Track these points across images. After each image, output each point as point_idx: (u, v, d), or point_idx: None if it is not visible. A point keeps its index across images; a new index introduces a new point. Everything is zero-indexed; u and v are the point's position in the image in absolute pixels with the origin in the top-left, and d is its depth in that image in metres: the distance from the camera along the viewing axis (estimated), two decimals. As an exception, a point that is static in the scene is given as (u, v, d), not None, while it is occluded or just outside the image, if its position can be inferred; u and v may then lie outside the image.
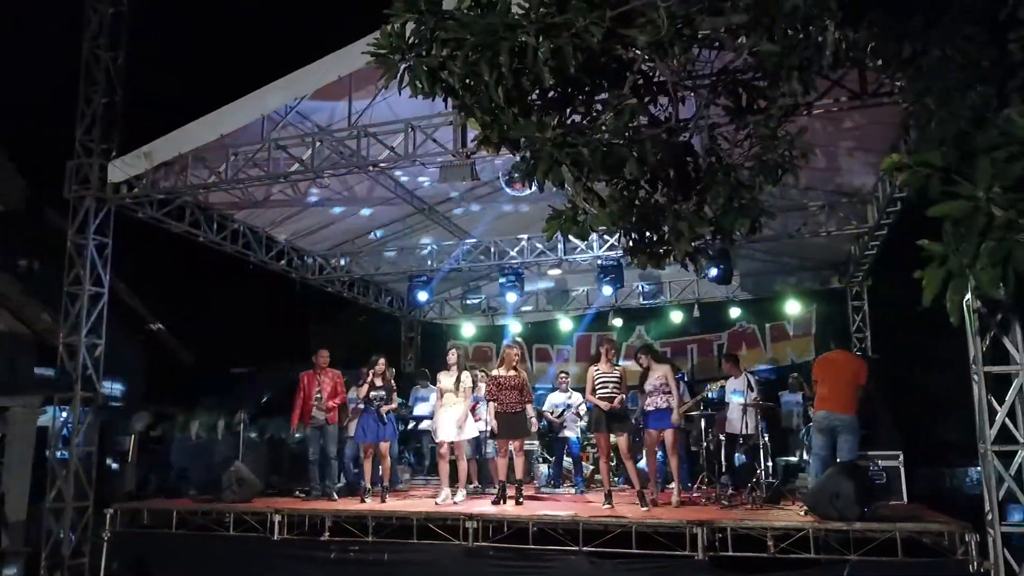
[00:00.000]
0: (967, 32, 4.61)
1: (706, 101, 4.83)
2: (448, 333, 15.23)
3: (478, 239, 11.86)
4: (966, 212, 2.84)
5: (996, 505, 5.71)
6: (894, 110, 7.54)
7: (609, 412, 7.97)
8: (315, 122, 8.73)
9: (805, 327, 13.29)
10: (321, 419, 8.79)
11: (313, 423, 8.81)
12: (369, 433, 8.52)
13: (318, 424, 8.80)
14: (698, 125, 5.04)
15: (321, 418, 8.79)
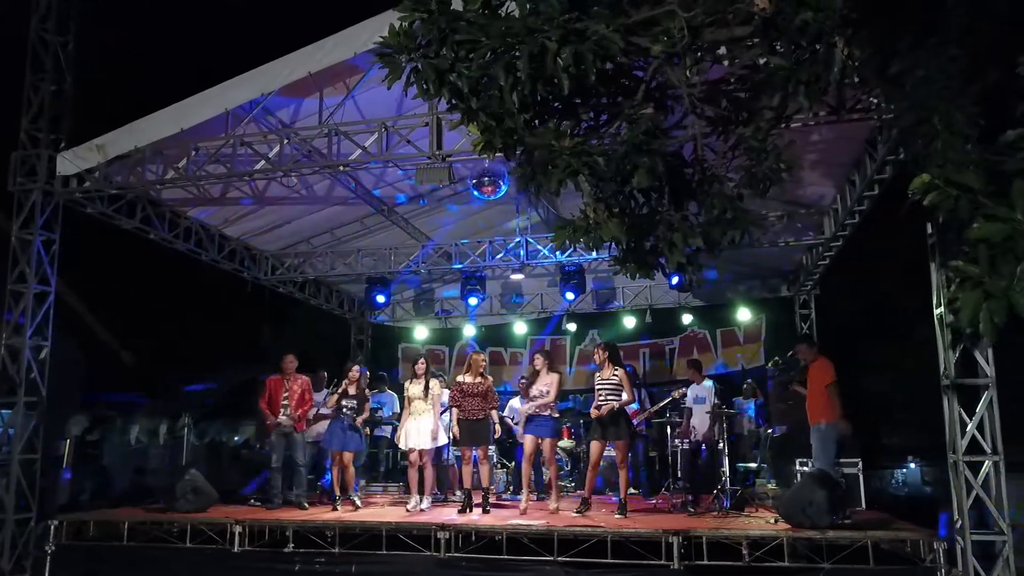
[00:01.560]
0: (951, 53, 4.73)
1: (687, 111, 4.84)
2: (400, 336, 15.00)
3: (438, 242, 11.70)
4: (1005, 235, 2.86)
5: (966, 514, 5.87)
6: (860, 126, 7.74)
7: (599, 419, 7.91)
8: (279, 119, 8.44)
9: (755, 334, 13.56)
10: (288, 426, 8.51)
11: (278, 429, 8.52)
12: (335, 441, 8.31)
13: (284, 431, 8.52)
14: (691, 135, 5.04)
15: (288, 425, 8.50)
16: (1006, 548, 5.79)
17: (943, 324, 6.19)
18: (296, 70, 7.51)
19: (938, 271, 6.31)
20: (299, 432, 8.62)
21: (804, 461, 8.75)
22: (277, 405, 8.54)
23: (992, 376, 6.02)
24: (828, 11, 4.24)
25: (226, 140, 7.78)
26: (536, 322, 14.40)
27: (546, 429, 8.09)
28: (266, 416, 8.62)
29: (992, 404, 5.99)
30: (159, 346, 14.20)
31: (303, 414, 8.67)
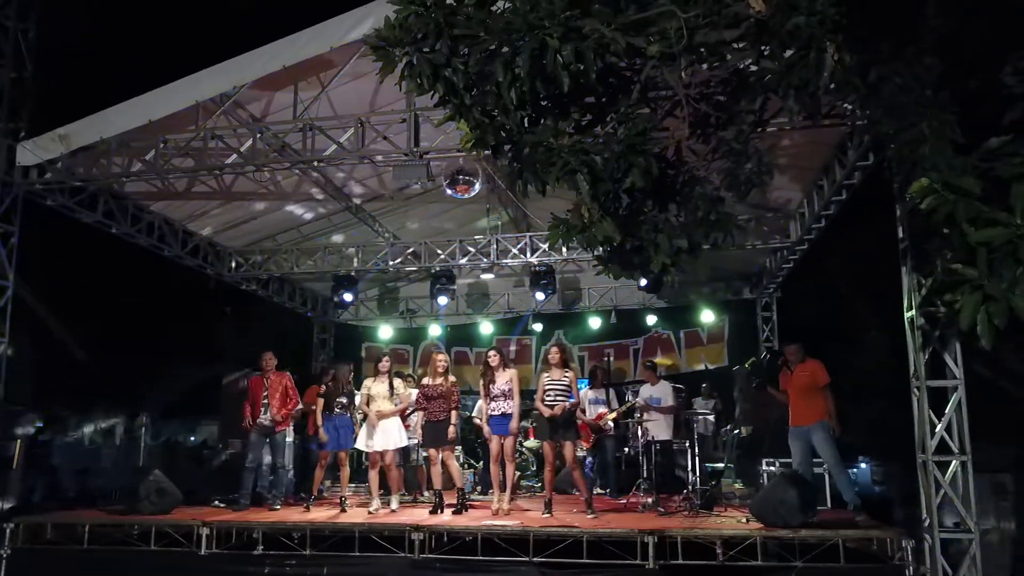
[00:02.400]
0: (927, 62, 4.83)
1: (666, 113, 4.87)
2: (363, 335, 14.86)
3: (406, 240, 11.61)
4: (1006, 239, 2.92)
5: (935, 512, 6.01)
6: (830, 131, 7.88)
7: (552, 419, 7.93)
8: (250, 112, 8.28)
9: (718, 335, 13.77)
10: (268, 425, 8.34)
11: (258, 429, 8.35)
12: (329, 440, 8.19)
13: (264, 430, 8.35)
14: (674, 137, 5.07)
15: (268, 424, 8.34)
16: (973, 546, 5.94)
17: (914, 327, 6.32)
18: (270, 63, 7.37)
19: (909, 275, 6.44)
20: (280, 432, 8.46)
21: (771, 461, 8.90)
22: (259, 405, 8.37)
23: (961, 377, 6.18)
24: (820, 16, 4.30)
25: (196, 133, 7.60)
26: (503, 322, 14.40)
27: (507, 428, 8.06)
28: (244, 417, 8.43)
29: (961, 405, 6.14)
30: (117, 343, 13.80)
31: (287, 413, 8.53)
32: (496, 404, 8.07)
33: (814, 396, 7.35)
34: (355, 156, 7.47)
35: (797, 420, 7.46)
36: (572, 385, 8.10)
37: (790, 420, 7.57)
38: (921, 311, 6.29)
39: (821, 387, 7.37)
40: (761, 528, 6.73)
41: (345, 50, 7.43)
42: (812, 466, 7.59)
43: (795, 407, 7.52)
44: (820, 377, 7.41)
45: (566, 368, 8.23)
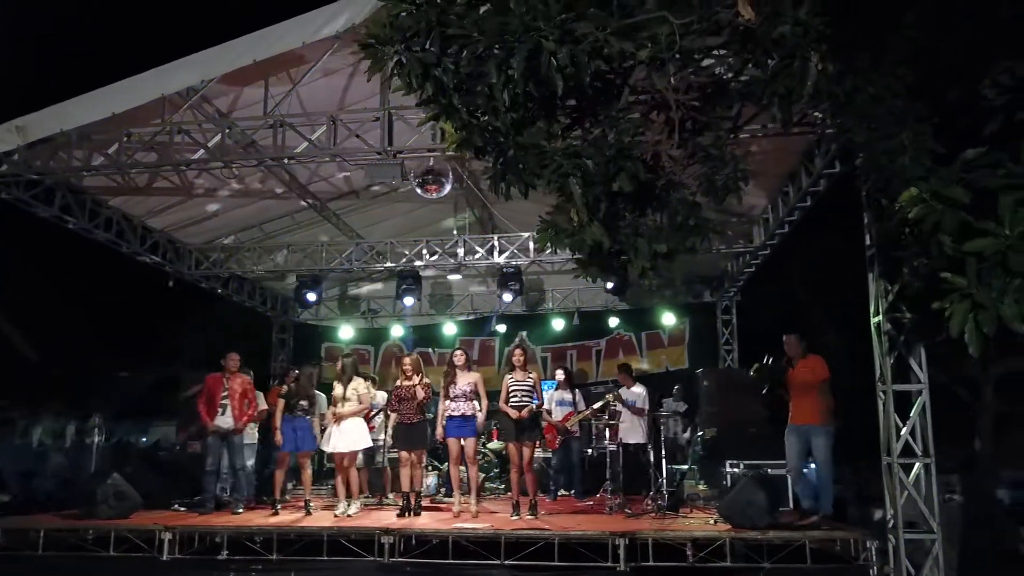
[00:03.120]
0: (900, 72, 4.94)
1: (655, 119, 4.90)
2: (323, 335, 14.67)
3: (371, 239, 11.48)
4: (997, 249, 2.99)
5: (899, 513, 6.15)
6: (798, 139, 8.01)
7: (517, 421, 7.93)
8: (217, 107, 8.09)
9: (679, 337, 13.93)
10: (226, 427, 8.15)
11: (215, 431, 8.16)
12: (288, 442, 8.04)
13: (222, 432, 8.16)
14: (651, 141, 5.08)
15: (226, 426, 8.15)
16: (935, 546, 6.09)
17: (880, 332, 6.46)
18: (241, 57, 7.20)
19: (876, 281, 6.58)
20: (240, 434, 8.28)
21: (735, 463, 9.01)
22: (215, 405, 8.17)
23: (925, 382, 6.33)
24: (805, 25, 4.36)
25: (162, 127, 7.40)
26: (466, 323, 14.34)
27: (468, 429, 8.05)
28: (202, 417, 8.23)
29: (925, 409, 6.29)
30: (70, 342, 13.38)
31: (250, 416, 8.36)
32: (455, 405, 8.05)
33: (815, 393, 7.15)
34: (327, 154, 7.34)
35: (797, 418, 7.23)
36: (536, 386, 8.19)
37: (790, 417, 7.36)
38: (888, 316, 6.42)
39: (820, 383, 7.16)
40: (730, 529, 6.82)
41: (318, 46, 7.31)
42: (804, 466, 7.42)
43: (796, 404, 7.27)
44: (821, 372, 7.18)
45: (529, 370, 8.31)
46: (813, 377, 7.23)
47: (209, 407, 8.22)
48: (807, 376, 7.25)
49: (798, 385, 7.33)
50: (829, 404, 7.23)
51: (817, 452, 7.17)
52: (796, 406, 7.36)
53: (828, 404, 7.22)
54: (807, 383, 7.25)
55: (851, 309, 12.72)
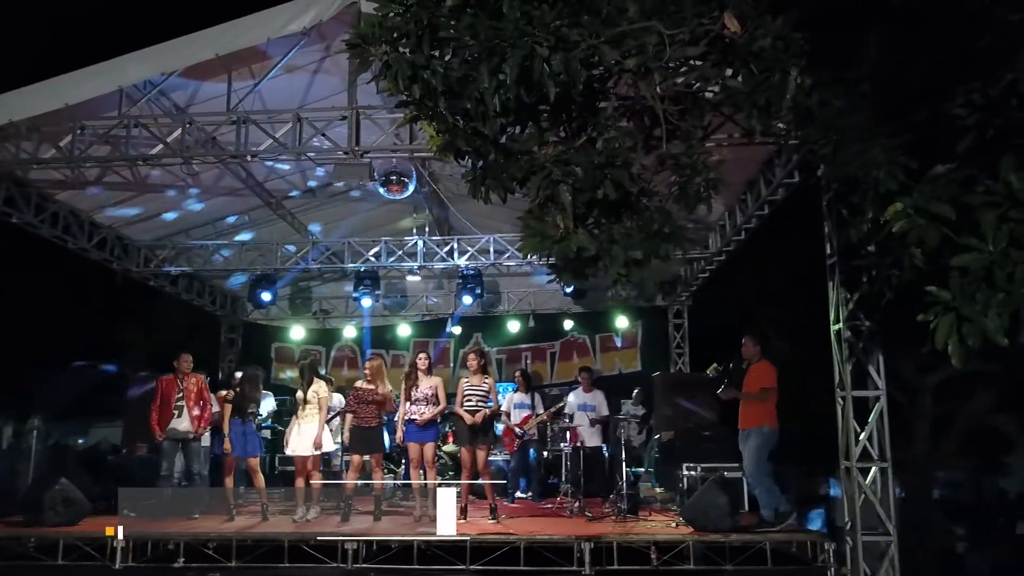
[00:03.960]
0: (862, 89, 5.09)
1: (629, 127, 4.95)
2: (273, 335, 14.38)
3: (326, 238, 11.31)
4: (983, 265, 3.09)
5: (857, 516, 6.32)
6: (759, 148, 8.17)
7: (471, 425, 7.92)
8: (174, 101, 7.87)
9: (632, 340, 14.08)
10: (182, 431, 7.91)
11: (170, 435, 7.91)
12: (236, 446, 7.84)
13: (177, 436, 7.92)
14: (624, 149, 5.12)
15: (181, 430, 7.91)
16: (891, 548, 6.28)
17: (841, 339, 6.63)
18: (203, 50, 7.04)
19: (836, 290, 6.75)
20: (195, 439, 8.06)
21: (691, 466, 9.12)
22: (170, 408, 7.92)
23: (883, 388, 6.52)
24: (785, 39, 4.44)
25: (119, 120, 7.15)
26: (421, 324, 14.23)
27: (428, 434, 8.04)
28: (153, 421, 7.97)
29: (883, 414, 6.48)
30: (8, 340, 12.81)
31: (206, 421, 8.13)
32: (416, 408, 8.00)
33: (756, 399, 7.16)
34: (292, 153, 7.19)
35: (742, 422, 7.26)
36: (491, 391, 8.17)
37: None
38: (847, 324, 6.59)
39: (759, 390, 7.16)
40: (692, 532, 6.91)
41: (283, 42, 7.18)
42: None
43: (741, 409, 7.32)
44: (763, 380, 7.18)
45: (485, 374, 8.30)
46: (757, 383, 7.25)
47: (163, 411, 7.97)
48: (753, 382, 7.28)
49: (746, 390, 7.36)
50: (765, 408, 7.15)
51: (744, 453, 7.21)
52: (740, 411, 7.39)
53: (763, 408, 7.16)
54: (751, 389, 7.29)
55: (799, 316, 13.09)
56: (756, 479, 7.01)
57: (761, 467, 6.96)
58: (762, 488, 6.98)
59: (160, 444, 7.99)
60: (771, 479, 6.98)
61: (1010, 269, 3.02)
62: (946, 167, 4.10)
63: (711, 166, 5.78)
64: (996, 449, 15.27)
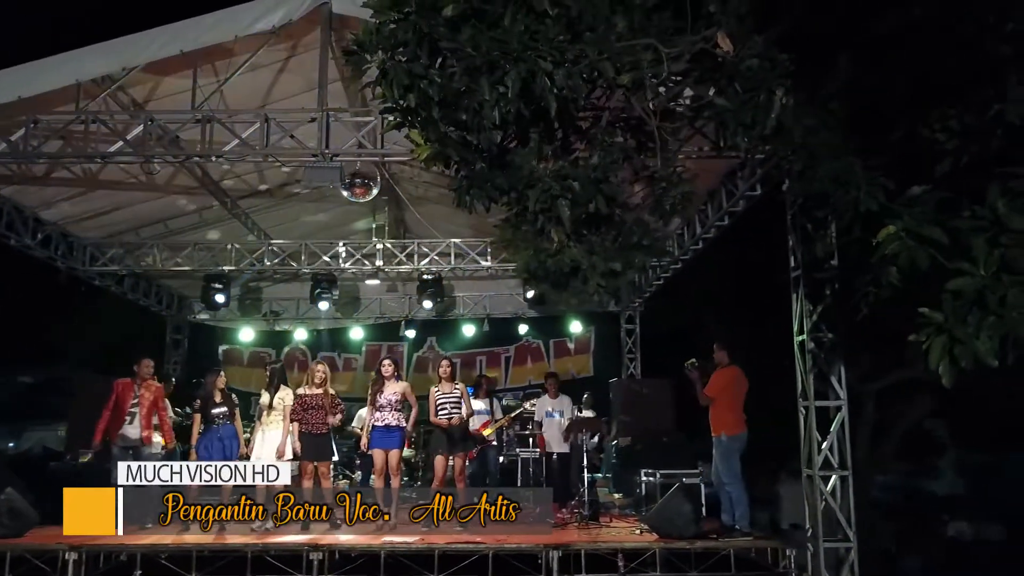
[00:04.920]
0: (831, 107, 5.24)
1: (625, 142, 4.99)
2: (221, 336, 14.04)
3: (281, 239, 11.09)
4: (975, 289, 3.20)
5: (819, 523, 6.49)
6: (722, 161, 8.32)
7: (449, 433, 7.89)
8: (132, 96, 7.61)
9: (585, 345, 14.19)
10: (133, 438, 7.64)
11: (121, 442, 7.63)
12: (215, 455, 7.58)
13: (129, 444, 7.64)
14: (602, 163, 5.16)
15: (134, 437, 7.64)
16: (851, 554, 6.46)
17: (804, 350, 6.79)
18: (166, 46, 6.82)
19: (800, 302, 6.91)
20: (147, 445, 7.78)
21: (650, 472, 9.22)
22: (123, 413, 7.64)
23: (844, 398, 6.71)
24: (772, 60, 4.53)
25: (76, 115, 6.88)
26: (374, 327, 14.07)
27: (394, 441, 7.95)
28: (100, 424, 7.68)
29: (844, 424, 6.67)
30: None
31: (167, 431, 7.87)
32: (381, 415, 7.91)
33: (715, 406, 7.31)
34: (259, 154, 7.02)
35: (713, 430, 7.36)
36: (464, 396, 8.16)
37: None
38: (811, 336, 6.76)
39: (715, 396, 7.28)
40: (657, 539, 6.99)
41: (251, 40, 7.01)
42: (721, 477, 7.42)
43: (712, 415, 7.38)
44: (732, 385, 7.29)
45: (455, 382, 8.29)
46: (731, 388, 7.33)
47: (115, 416, 7.69)
48: (725, 385, 7.35)
49: (715, 395, 7.39)
50: (725, 416, 7.28)
51: (715, 461, 7.33)
52: (712, 416, 7.44)
53: (722, 415, 7.28)
54: (722, 394, 7.34)
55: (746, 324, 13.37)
56: (731, 485, 7.14)
57: (733, 472, 7.11)
58: (739, 493, 7.13)
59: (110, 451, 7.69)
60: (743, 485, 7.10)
61: (1002, 292, 3.13)
62: (922, 188, 4.24)
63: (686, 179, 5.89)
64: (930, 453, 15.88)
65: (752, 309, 13.18)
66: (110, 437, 7.68)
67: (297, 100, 8.16)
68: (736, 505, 7.10)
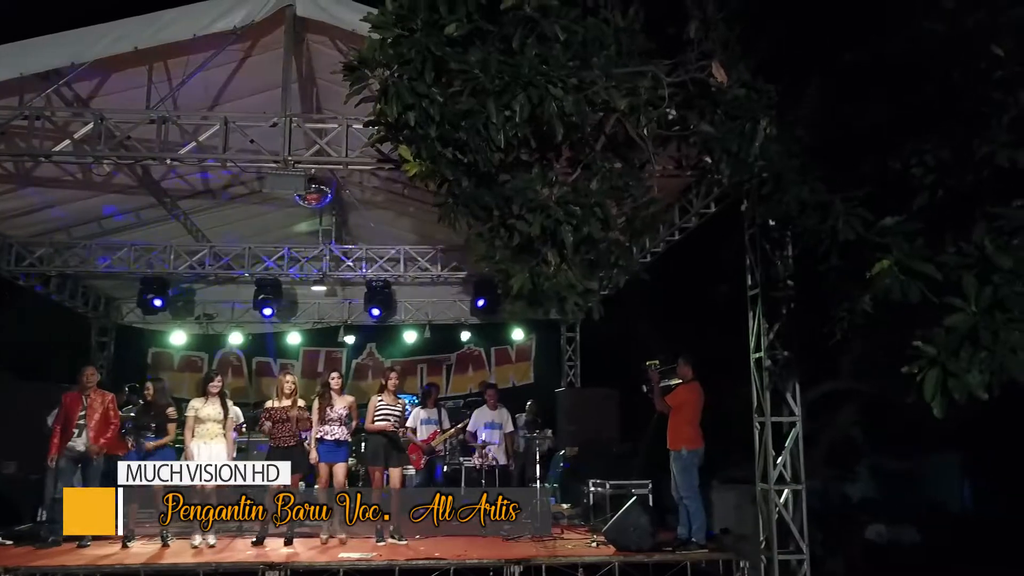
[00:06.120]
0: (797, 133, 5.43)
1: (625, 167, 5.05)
2: (151, 339, 13.46)
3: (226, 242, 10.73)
4: (970, 326, 3.35)
5: (774, 535, 6.67)
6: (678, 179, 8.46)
7: (389, 445, 7.82)
8: (76, 92, 7.23)
9: (526, 353, 14.20)
10: (79, 450, 7.24)
11: (68, 454, 7.22)
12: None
13: (75, 456, 7.24)
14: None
15: (80, 449, 7.24)
16: (804, 566, 6.67)
17: (761, 367, 6.97)
18: (120, 42, 6.52)
19: (757, 320, 7.09)
20: (96, 458, 7.39)
21: (598, 482, 9.29)
22: (71, 425, 7.25)
23: (799, 414, 6.92)
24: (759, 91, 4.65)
25: (19, 111, 6.49)
26: (311, 332, 13.73)
27: (341, 455, 7.91)
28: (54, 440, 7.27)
29: (798, 439, 6.87)
30: None
31: (109, 440, 7.47)
32: (329, 429, 7.82)
33: (676, 420, 7.37)
34: (219, 159, 6.77)
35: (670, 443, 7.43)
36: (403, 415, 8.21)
37: None
38: (768, 353, 6.94)
39: (694, 412, 7.34)
40: (616, 552, 7.06)
41: (210, 40, 6.77)
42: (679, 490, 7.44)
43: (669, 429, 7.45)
44: (691, 400, 7.38)
45: (399, 398, 8.28)
46: (691, 403, 7.44)
47: (64, 429, 7.29)
48: (686, 400, 7.44)
49: (675, 410, 7.47)
50: (685, 430, 7.36)
51: (675, 476, 7.40)
52: (670, 430, 7.52)
53: (684, 430, 7.36)
54: (682, 409, 7.43)
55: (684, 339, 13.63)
56: (689, 499, 7.23)
57: (691, 486, 7.21)
58: (697, 507, 7.23)
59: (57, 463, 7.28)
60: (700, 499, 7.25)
61: (995, 329, 3.28)
62: (894, 219, 4.42)
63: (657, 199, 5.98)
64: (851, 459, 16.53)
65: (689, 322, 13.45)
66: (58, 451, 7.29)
67: (252, 101, 7.93)
68: (693, 518, 7.21)
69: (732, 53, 4.80)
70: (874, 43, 5.16)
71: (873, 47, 5.19)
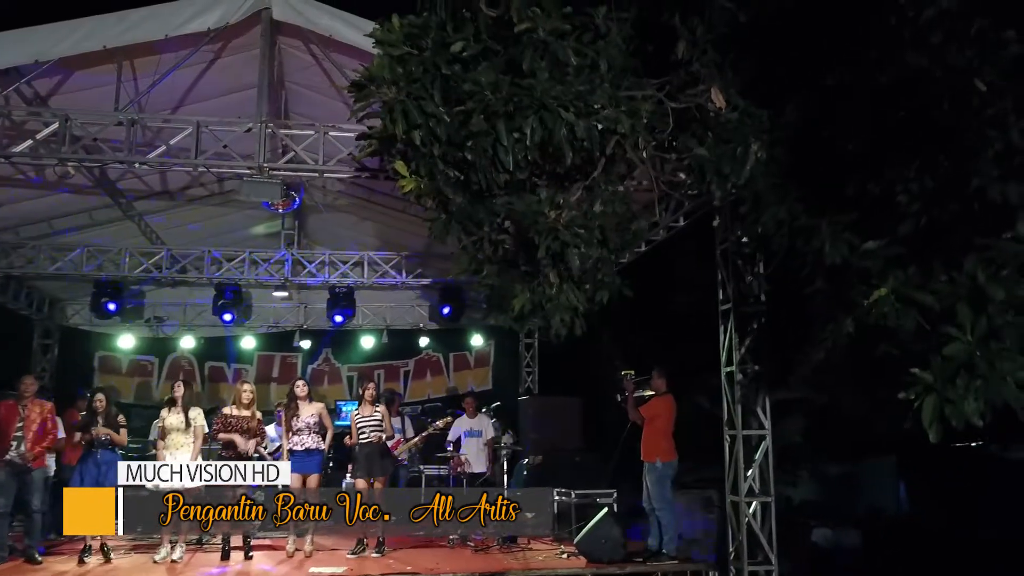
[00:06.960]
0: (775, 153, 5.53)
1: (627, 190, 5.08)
2: (97, 343, 13.00)
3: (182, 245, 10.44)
4: (967, 355, 3.45)
5: (744, 546, 6.79)
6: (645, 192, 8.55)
7: (373, 455, 7.71)
8: (36, 90, 6.94)
9: (485, 358, 14.18)
10: (19, 462, 6.93)
11: (9, 467, 6.90)
12: (88, 478, 6.95)
13: (16, 468, 6.93)
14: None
15: (18, 460, 6.93)
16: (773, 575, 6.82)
17: (733, 381, 7.10)
18: (87, 39, 6.29)
19: (729, 335, 7.21)
20: (37, 469, 7.09)
21: (564, 491, 9.30)
22: (8, 437, 6.92)
23: (768, 428, 7.06)
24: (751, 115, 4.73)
25: (-19, 109, 6.20)
26: (266, 336, 13.45)
27: (314, 464, 7.75)
28: None
29: (768, 453, 7.01)
30: None
31: (44, 448, 7.17)
32: (300, 439, 7.70)
33: (657, 433, 7.33)
34: (192, 164, 6.57)
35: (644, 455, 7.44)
36: (385, 419, 8.03)
37: None
38: (739, 368, 7.07)
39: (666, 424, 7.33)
40: (588, 564, 7.10)
41: (182, 40, 6.58)
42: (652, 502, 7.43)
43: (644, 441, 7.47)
44: (664, 413, 7.35)
45: (376, 405, 8.17)
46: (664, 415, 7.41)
47: (1, 441, 6.96)
48: (659, 413, 7.41)
49: (649, 422, 7.47)
50: (660, 442, 7.35)
51: (649, 488, 7.40)
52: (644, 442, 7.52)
53: (659, 442, 7.35)
54: (655, 421, 7.42)
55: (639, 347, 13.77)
56: (661, 510, 7.25)
57: (665, 498, 7.24)
58: (669, 518, 7.26)
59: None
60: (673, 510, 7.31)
61: (990, 359, 3.39)
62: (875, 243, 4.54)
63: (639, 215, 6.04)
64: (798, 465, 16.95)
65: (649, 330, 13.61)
66: None
67: (220, 103, 7.75)
68: (665, 530, 7.27)
69: (724, 76, 4.86)
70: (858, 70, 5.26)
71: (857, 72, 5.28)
